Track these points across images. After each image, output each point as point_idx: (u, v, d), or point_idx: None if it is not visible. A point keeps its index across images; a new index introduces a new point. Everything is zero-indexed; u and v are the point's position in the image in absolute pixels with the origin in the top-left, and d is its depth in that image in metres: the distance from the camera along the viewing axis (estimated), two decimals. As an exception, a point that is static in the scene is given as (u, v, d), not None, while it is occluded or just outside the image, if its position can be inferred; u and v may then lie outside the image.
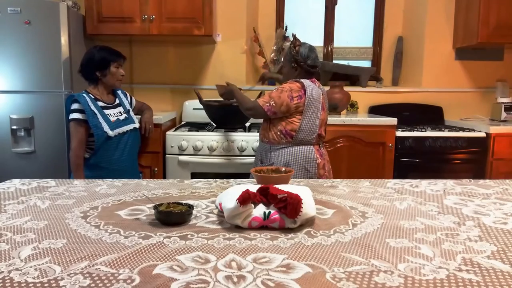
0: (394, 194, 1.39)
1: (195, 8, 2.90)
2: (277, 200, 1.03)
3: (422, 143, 2.88)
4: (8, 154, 2.62)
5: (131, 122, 2.33)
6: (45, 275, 0.77)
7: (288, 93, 2.06)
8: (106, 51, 2.24)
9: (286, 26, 3.43)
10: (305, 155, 2.10)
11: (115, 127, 2.21)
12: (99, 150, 2.18)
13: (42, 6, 2.56)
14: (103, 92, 2.28)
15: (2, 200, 1.27)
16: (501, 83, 3.43)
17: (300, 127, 2.08)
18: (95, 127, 2.14)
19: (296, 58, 2.14)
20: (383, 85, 3.54)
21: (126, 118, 2.31)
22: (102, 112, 2.19)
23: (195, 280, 0.75)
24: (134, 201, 1.27)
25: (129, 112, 2.37)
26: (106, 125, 2.17)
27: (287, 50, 2.22)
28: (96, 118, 2.15)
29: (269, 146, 2.15)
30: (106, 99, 2.28)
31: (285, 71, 2.24)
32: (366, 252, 0.89)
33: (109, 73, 2.23)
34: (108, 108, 2.25)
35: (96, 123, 2.15)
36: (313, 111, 2.09)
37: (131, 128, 2.30)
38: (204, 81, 3.41)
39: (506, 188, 1.48)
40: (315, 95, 2.10)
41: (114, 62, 2.23)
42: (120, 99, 2.38)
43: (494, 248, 0.92)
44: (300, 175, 2.07)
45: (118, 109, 2.30)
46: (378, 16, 3.61)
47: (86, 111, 2.13)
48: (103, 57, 2.21)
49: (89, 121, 2.13)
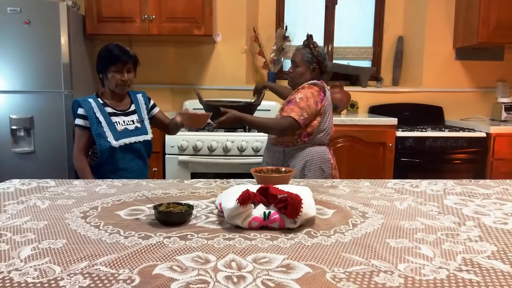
0: (394, 194, 1.39)
1: (195, 8, 2.90)
2: (277, 200, 1.03)
3: (422, 143, 2.88)
4: (8, 154, 2.62)
5: (143, 133, 2.08)
6: (45, 275, 0.77)
7: (313, 99, 2.00)
8: (107, 51, 2.01)
9: (286, 26, 3.43)
10: (321, 155, 2.07)
11: (121, 136, 1.99)
12: (103, 160, 1.98)
13: (42, 6, 2.56)
14: (112, 97, 2.06)
15: (2, 200, 1.27)
16: (501, 83, 3.42)
17: (319, 128, 2.04)
18: (98, 136, 1.96)
19: (318, 58, 2.09)
20: (383, 85, 3.54)
21: (138, 128, 2.07)
22: (109, 120, 1.99)
23: (195, 280, 0.75)
24: (134, 201, 1.27)
25: (143, 122, 2.11)
26: (111, 135, 1.96)
27: (305, 50, 2.11)
28: (100, 127, 1.96)
29: (283, 149, 2.08)
30: (116, 104, 2.07)
31: (300, 71, 2.12)
32: (366, 252, 0.89)
33: (107, 78, 2.01)
34: (117, 115, 2.04)
35: (99, 131, 1.96)
36: (329, 112, 2.10)
37: (140, 140, 2.05)
38: (204, 81, 3.41)
39: (506, 188, 1.48)
40: (330, 96, 2.13)
41: (112, 66, 1.97)
42: (138, 106, 2.13)
43: (494, 248, 0.92)
44: (316, 175, 2.02)
45: (130, 117, 2.08)
46: (378, 16, 3.60)
47: (90, 118, 1.97)
48: (102, 59, 2.02)
49: (91, 129, 1.96)
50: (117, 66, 1.97)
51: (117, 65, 1.97)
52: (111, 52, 1.98)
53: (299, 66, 2.12)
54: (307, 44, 2.12)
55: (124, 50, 2.00)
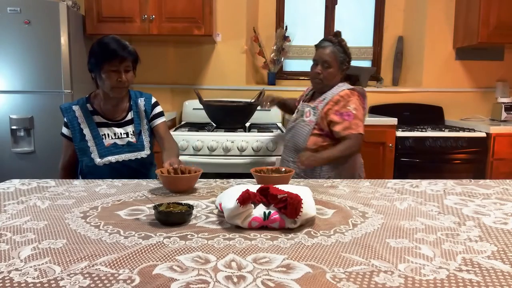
0: (394, 194, 1.39)
1: (195, 8, 2.90)
2: (277, 200, 1.03)
3: (422, 143, 2.88)
4: (7, 154, 2.62)
5: (137, 149, 1.74)
6: (45, 275, 0.77)
7: (361, 108, 1.93)
8: (102, 45, 1.65)
9: (286, 26, 3.43)
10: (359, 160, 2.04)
11: (107, 153, 1.69)
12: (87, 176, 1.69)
13: (42, 6, 2.56)
14: (106, 102, 1.73)
15: (2, 200, 1.27)
16: (501, 83, 3.42)
17: None
18: (81, 151, 1.69)
19: (350, 58, 1.98)
20: (383, 85, 3.53)
21: (130, 143, 1.74)
22: (96, 132, 1.69)
23: (195, 281, 0.75)
24: (134, 201, 1.27)
25: (140, 134, 1.77)
26: (95, 150, 1.67)
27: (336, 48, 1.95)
28: (84, 140, 1.68)
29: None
30: (109, 112, 1.74)
31: (332, 72, 1.96)
32: (366, 252, 0.89)
33: (101, 78, 1.66)
34: (108, 126, 1.73)
35: (82, 146, 1.68)
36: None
37: (131, 158, 1.73)
38: (204, 81, 3.41)
39: (506, 188, 1.48)
40: None
41: (107, 63, 1.62)
42: (136, 114, 1.78)
43: (495, 248, 0.92)
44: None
45: (125, 128, 1.75)
46: (378, 16, 3.60)
47: (72, 130, 1.70)
48: (95, 54, 1.66)
49: (74, 142, 1.71)
50: (113, 64, 1.62)
51: (113, 63, 1.62)
52: (107, 46, 1.63)
53: (332, 66, 1.95)
54: (338, 41, 1.96)
55: (122, 44, 1.65)
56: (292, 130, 2.07)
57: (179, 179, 1.40)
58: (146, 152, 1.77)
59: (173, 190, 1.39)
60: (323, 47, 1.98)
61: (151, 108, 1.84)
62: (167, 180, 1.40)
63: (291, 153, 2.05)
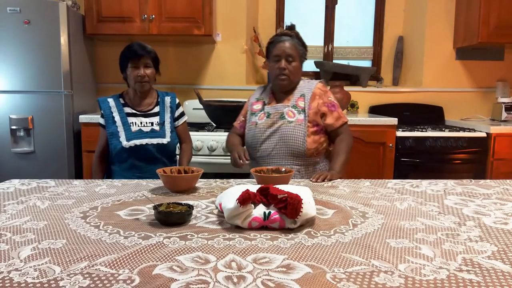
0: (395, 194, 1.39)
1: (195, 8, 2.90)
2: (277, 200, 1.03)
3: (422, 143, 2.88)
4: (7, 154, 2.62)
5: (159, 136, 2.02)
6: (44, 275, 0.77)
7: None
8: (126, 48, 2.00)
9: (286, 26, 3.43)
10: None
11: (133, 137, 1.97)
12: (114, 160, 2.01)
13: (41, 6, 2.56)
14: (134, 96, 2.05)
15: (2, 200, 1.27)
16: (501, 83, 3.42)
17: None
18: (111, 135, 1.98)
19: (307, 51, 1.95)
20: (383, 85, 3.53)
21: (154, 130, 2.02)
22: (125, 120, 2.00)
23: (195, 281, 0.75)
24: (134, 201, 1.27)
25: (163, 124, 2.06)
26: (124, 135, 1.96)
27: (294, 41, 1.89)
28: (115, 126, 1.98)
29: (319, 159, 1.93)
30: (137, 104, 2.05)
31: (297, 66, 1.90)
32: (366, 252, 0.88)
33: (128, 76, 2.01)
34: (136, 116, 2.03)
35: (113, 130, 1.98)
36: None
37: (153, 143, 1.99)
38: (204, 81, 3.41)
39: (506, 188, 1.48)
40: None
41: (130, 62, 1.97)
42: (163, 108, 2.09)
43: (495, 248, 0.91)
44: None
45: (151, 119, 2.04)
46: (378, 15, 3.60)
47: (106, 117, 2.00)
48: (122, 56, 2.00)
49: (106, 128, 2.00)
50: (134, 61, 1.95)
51: (134, 60, 1.95)
52: (129, 48, 1.98)
53: (295, 60, 1.88)
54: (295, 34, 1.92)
55: (142, 46, 1.99)
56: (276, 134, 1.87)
57: (179, 179, 1.42)
58: (166, 140, 2.03)
59: (173, 190, 1.41)
60: (282, 41, 1.89)
61: (176, 106, 2.14)
62: (167, 180, 1.41)
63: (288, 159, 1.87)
